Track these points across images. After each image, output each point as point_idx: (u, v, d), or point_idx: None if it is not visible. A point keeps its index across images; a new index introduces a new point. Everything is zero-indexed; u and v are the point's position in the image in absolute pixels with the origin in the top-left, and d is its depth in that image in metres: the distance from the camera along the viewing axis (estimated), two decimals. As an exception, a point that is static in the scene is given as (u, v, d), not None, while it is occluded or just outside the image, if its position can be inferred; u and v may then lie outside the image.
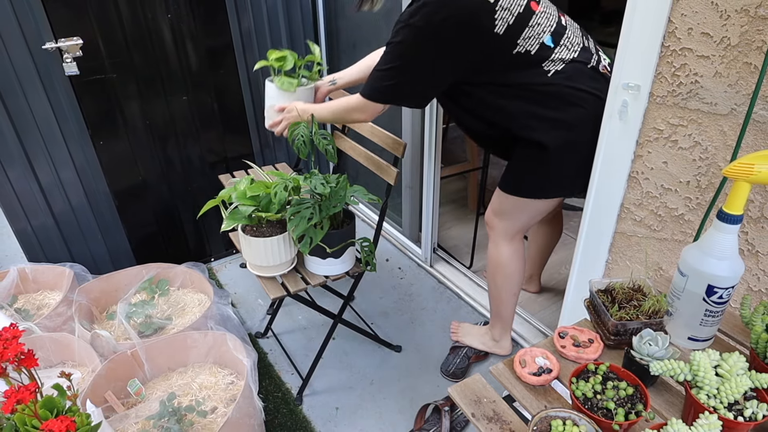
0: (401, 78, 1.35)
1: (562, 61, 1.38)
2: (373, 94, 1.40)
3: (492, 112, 1.45)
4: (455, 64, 1.33)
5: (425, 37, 1.26)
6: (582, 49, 1.43)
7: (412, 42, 1.28)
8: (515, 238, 1.72)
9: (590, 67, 1.43)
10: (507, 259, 1.73)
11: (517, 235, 1.71)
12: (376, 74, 1.37)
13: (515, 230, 1.70)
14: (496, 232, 1.72)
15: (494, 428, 0.88)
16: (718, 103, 1.14)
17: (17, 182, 2.02)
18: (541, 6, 1.38)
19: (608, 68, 1.47)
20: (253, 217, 1.57)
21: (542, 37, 1.35)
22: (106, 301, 2.10)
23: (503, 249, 1.73)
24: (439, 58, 1.31)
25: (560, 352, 1.02)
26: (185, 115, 2.26)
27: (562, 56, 1.38)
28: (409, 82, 1.35)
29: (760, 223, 1.15)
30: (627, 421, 0.80)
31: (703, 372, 0.80)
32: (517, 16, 1.31)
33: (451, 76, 1.37)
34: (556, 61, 1.37)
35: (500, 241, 1.72)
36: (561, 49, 1.38)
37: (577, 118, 1.41)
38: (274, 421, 1.79)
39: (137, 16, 1.99)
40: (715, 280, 0.90)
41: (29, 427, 0.88)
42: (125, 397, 1.63)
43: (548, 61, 1.36)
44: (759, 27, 1.04)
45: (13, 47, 1.83)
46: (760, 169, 0.84)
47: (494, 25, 1.28)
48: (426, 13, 1.23)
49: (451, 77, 1.37)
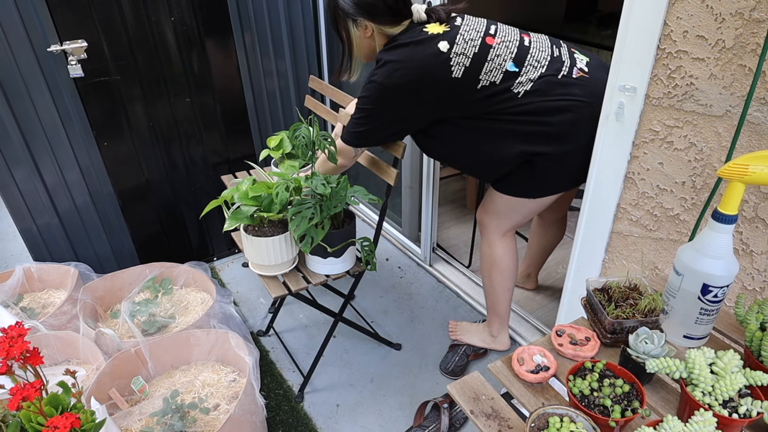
0: (370, 126, 1.48)
1: (531, 81, 1.40)
2: (350, 140, 1.55)
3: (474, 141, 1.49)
4: (420, 111, 1.45)
5: (387, 92, 1.39)
6: (551, 61, 1.44)
7: (376, 96, 1.42)
8: (507, 235, 1.73)
9: (561, 76, 1.44)
10: (500, 256, 1.74)
11: (509, 232, 1.73)
12: (351, 121, 1.52)
13: (507, 228, 1.71)
14: (488, 230, 1.74)
15: (492, 425, 0.88)
16: (713, 104, 1.14)
17: (23, 183, 2.02)
18: (498, 38, 1.42)
19: (585, 70, 1.48)
20: (255, 217, 1.57)
21: (504, 65, 1.39)
22: (110, 300, 2.10)
23: (496, 247, 1.74)
24: (402, 108, 1.44)
25: (557, 350, 1.02)
26: (188, 117, 2.26)
27: (529, 77, 1.40)
28: (378, 129, 1.49)
29: (755, 223, 1.15)
30: (623, 418, 0.80)
31: (699, 370, 0.80)
32: (473, 57, 1.37)
33: (419, 121, 1.48)
34: (524, 82, 1.40)
35: (493, 239, 1.74)
36: (527, 69, 1.41)
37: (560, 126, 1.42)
38: (275, 418, 1.79)
39: (141, 19, 1.99)
40: (710, 279, 0.90)
41: (35, 423, 0.88)
42: (129, 394, 1.63)
43: (516, 84, 1.39)
44: (753, 30, 1.04)
45: (18, 50, 1.83)
46: (754, 170, 0.84)
47: (451, 72, 1.36)
48: (386, 71, 1.36)
49: (419, 122, 1.48)
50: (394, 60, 1.36)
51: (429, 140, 1.58)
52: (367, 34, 1.48)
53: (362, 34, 1.48)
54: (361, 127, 1.50)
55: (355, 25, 1.47)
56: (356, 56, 1.55)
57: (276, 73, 2.44)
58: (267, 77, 2.42)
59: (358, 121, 1.50)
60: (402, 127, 1.52)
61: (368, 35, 1.48)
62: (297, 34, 2.44)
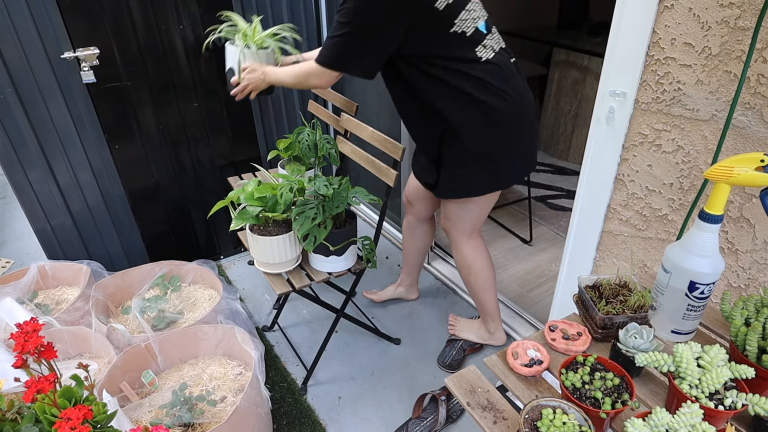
0: (349, 45, 1.36)
1: (493, 51, 1.41)
2: (325, 60, 1.41)
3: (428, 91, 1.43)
4: (397, 30, 1.34)
5: (370, 5, 1.29)
6: (506, 46, 1.48)
7: (358, 10, 1.31)
8: (472, 236, 1.72)
9: (513, 61, 1.47)
10: (471, 258, 1.74)
11: (473, 233, 1.72)
12: (328, 42, 1.40)
13: (470, 229, 1.70)
14: (453, 236, 1.74)
15: (488, 416, 0.88)
16: (700, 109, 1.14)
17: (37, 184, 2.02)
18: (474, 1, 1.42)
19: None
20: (260, 217, 1.57)
21: (477, 22, 1.39)
22: (121, 297, 2.10)
23: (464, 250, 1.73)
24: (382, 25, 1.33)
25: (551, 344, 1.02)
26: (196, 121, 2.26)
27: (493, 46, 1.42)
28: (356, 48, 1.37)
29: (740, 222, 1.15)
30: (614, 409, 0.80)
31: (686, 363, 0.80)
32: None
33: (395, 42, 1.36)
34: (487, 47, 1.40)
35: (460, 243, 1.73)
36: (493, 36, 1.43)
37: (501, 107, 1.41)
38: (280, 410, 1.79)
39: (151, 27, 1.99)
40: (697, 277, 0.90)
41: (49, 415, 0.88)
42: (139, 387, 1.63)
43: (480, 46, 1.39)
44: (738, 37, 1.04)
45: (33, 57, 1.82)
46: (739, 172, 0.84)
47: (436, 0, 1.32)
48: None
49: (395, 43, 1.37)
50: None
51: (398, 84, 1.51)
52: None
53: None
54: (338, 47, 1.38)
55: None
56: None
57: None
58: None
59: (337, 40, 1.36)
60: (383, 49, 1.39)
61: None
62: (301, 41, 2.44)
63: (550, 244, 2.66)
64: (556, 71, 3.39)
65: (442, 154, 1.51)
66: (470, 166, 1.49)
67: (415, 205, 1.92)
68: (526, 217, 2.84)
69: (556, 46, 3.37)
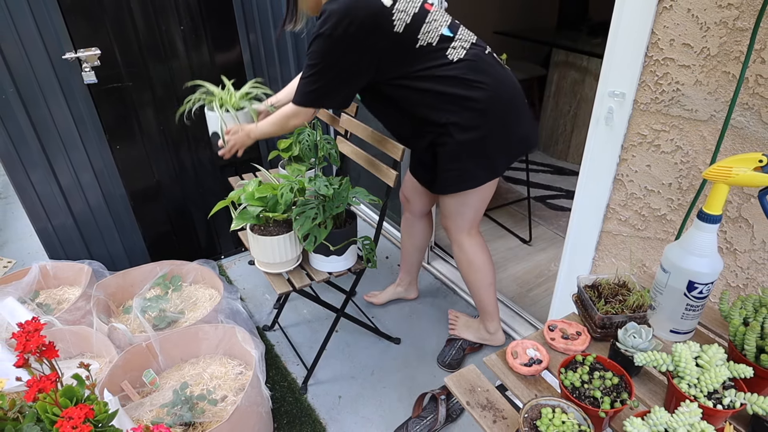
0: (321, 82, 1.43)
1: (464, 48, 1.44)
2: (300, 100, 1.49)
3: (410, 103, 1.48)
4: (365, 63, 1.41)
5: (335, 43, 1.36)
6: (477, 39, 1.50)
7: (326, 49, 1.38)
8: (472, 233, 1.73)
9: (487, 53, 1.49)
10: (472, 254, 1.74)
11: (472, 229, 1.72)
12: (301, 82, 1.47)
13: (469, 225, 1.71)
14: (452, 233, 1.74)
15: (488, 415, 0.88)
16: (699, 109, 1.14)
17: (39, 185, 2.02)
18: (434, 7, 1.47)
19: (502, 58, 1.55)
20: (260, 217, 1.57)
21: (440, 30, 1.42)
22: (122, 296, 2.10)
23: (465, 246, 1.74)
24: (350, 60, 1.40)
25: (550, 344, 1.02)
26: (197, 122, 2.26)
27: (462, 44, 1.44)
28: (327, 84, 1.43)
29: (738, 222, 1.15)
30: (613, 409, 0.80)
31: (685, 363, 0.80)
32: (413, 16, 1.38)
33: (365, 74, 1.44)
34: (457, 48, 1.43)
35: (460, 240, 1.74)
36: (460, 36, 1.45)
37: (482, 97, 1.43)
38: (280, 409, 1.79)
39: (152, 27, 1.99)
40: (696, 277, 0.90)
41: (50, 414, 0.88)
42: (140, 386, 1.63)
43: (450, 49, 1.42)
44: (737, 38, 1.04)
45: (35, 57, 1.83)
46: (737, 172, 0.84)
47: (393, 25, 1.36)
48: (333, 23, 1.33)
49: (366, 75, 1.44)
50: (340, 10, 1.33)
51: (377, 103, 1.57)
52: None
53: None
54: (313, 86, 1.44)
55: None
56: (301, 8, 1.50)
57: (281, 79, 2.44)
58: (273, 84, 2.42)
59: (309, 80, 1.44)
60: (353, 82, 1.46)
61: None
62: (300, 43, 2.43)
63: (550, 244, 2.66)
64: (556, 72, 3.39)
65: (436, 153, 1.53)
66: (464, 160, 1.51)
67: (411, 202, 1.93)
68: (525, 217, 2.84)
69: (555, 47, 3.37)
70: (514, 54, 1.49)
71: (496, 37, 3.76)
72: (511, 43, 3.65)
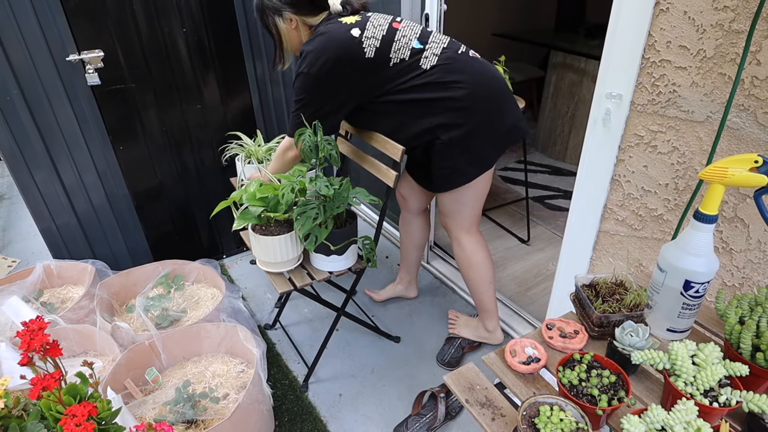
0: (308, 113, 1.53)
1: (435, 55, 1.48)
2: (292, 132, 1.59)
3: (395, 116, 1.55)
4: (346, 91, 1.51)
5: (314, 80, 1.47)
6: (450, 42, 1.54)
7: (309, 86, 1.49)
8: (471, 231, 1.74)
9: (461, 53, 1.52)
10: (471, 252, 1.75)
11: (472, 227, 1.74)
12: (291, 116, 1.58)
13: (468, 223, 1.72)
14: (452, 231, 1.76)
15: (486, 413, 0.88)
16: (695, 111, 1.15)
17: (43, 185, 2.02)
18: (403, 23, 1.53)
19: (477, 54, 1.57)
20: (262, 217, 1.57)
21: (411, 43, 1.48)
22: (125, 295, 2.10)
23: (465, 244, 1.75)
24: (331, 92, 1.50)
25: (548, 342, 1.02)
26: (199, 123, 2.26)
27: (434, 51, 1.49)
28: (313, 115, 1.53)
29: (734, 222, 1.15)
30: (610, 406, 0.80)
31: (681, 361, 0.80)
32: (381, 39, 1.47)
33: (349, 101, 1.55)
34: (429, 56, 1.48)
35: (460, 238, 1.75)
36: (431, 45, 1.50)
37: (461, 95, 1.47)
38: (281, 407, 1.79)
39: (154, 30, 1.99)
40: (692, 276, 0.90)
41: (54, 412, 0.88)
42: (143, 384, 1.63)
43: (423, 58, 1.48)
44: (733, 40, 1.04)
45: (39, 59, 1.83)
46: (733, 173, 0.84)
47: (364, 53, 1.45)
48: (310, 61, 1.45)
49: (349, 103, 1.55)
50: (315, 49, 1.45)
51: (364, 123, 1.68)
52: (292, 26, 1.56)
53: (288, 26, 1.56)
54: (300, 119, 1.55)
55: (281, 18, 1.55)
56: (287, 48, 1.63)
57: (282, 81, 2.44)
58: (273, 85, 2.42)
59: (297, 113, 1.55)
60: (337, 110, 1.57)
61: (294, 27, 1.56)
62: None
63: (548, 243, 2.66)
64: (554, 73, 3.39)
65: (429, 153, 1.58)
66: (455, 157, 1.55)
67: (408, 200, 1.95)
68: (523, 217, 2.84)
69: (553, 49, 3.37)
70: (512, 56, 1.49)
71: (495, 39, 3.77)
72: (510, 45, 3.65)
